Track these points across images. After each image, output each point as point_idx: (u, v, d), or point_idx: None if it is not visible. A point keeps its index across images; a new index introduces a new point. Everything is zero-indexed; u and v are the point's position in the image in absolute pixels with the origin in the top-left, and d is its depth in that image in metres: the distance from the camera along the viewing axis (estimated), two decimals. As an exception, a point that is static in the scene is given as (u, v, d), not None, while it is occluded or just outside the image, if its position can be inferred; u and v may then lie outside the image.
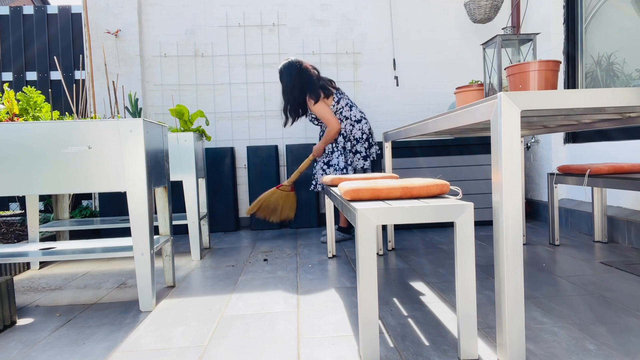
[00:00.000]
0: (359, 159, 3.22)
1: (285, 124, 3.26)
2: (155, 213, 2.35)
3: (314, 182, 3.27)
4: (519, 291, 1.25)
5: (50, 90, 2.45)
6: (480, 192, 3.62)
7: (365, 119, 3.24)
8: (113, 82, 2.63)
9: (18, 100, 2.79)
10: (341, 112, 3.18)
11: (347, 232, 3.26)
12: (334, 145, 3.20)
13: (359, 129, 3.21)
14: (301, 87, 3.13)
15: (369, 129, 3.24)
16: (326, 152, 3.22)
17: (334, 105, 3.16)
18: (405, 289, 2.09)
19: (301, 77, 3.13)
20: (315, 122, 3.27)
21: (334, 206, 3.13)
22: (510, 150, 1.23)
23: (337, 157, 3.17)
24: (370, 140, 3.25)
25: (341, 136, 3.20)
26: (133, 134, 1.89)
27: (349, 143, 3.21)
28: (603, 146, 3.10)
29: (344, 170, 3.16)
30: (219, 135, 4.08)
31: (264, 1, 4.06)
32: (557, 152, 3.60)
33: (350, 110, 3.21)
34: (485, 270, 2.34)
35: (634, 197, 2.82)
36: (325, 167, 3.21)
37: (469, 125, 1.67)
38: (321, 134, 3.34)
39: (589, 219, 3.12)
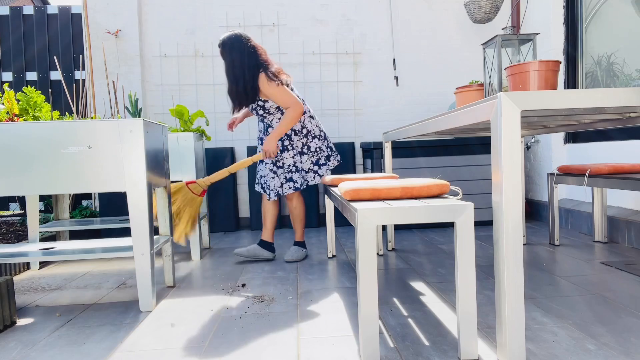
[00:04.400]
0: (324, 157, 2.74)
1: (233, 111, 2.67)
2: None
3: (262, 188, 2.76)
4: (519, 291, 1.25)
5: (50, 90, 2.46)
6: (480, 192, 3.62)
7: (317, 117, 2.73)
8: (113, 82, 2.63)
9: (18, 100, 2.79)
10: None
11: (269, 247, 2.78)
12: (287, 143, 2.66)
13: (317, 125, 2.73)
14: (252, 67, 2.55)
15: (324, 129, 2.69)
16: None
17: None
18: (405, 289, 2.09)
19: (252, 55, 2.56)
20: (261, 112, 2.65)
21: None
22: (510, 150, 1.23)
23: (292, 158, 2.67)
24: (328, 139, 2.78)
25: (293, 132, 2.66)
26: (133, 134, 1.89)
27: (309, 139, 2.69)
28: (603, 146, 3.10)
29: (302, 172, 2.70)
30: (219, 135, 4.08)
31: (264, 1, 4.06)
32: (557, 152, 3.60)
33: (305, 104, 2.70)
34: (485, 270, 2.34)
35: (634, 197, 2.82)
36: (275, 168, 2.68)
37: (469, 125, 1.67)
38: (264, 131, 2.75)
39: (589, 219, 3.12)
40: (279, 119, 2.65)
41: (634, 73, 2.93)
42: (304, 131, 2.68)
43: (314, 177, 2.73)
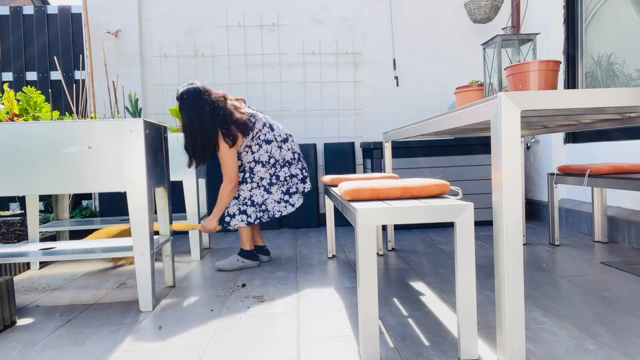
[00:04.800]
0: (296, 183, 2.64)
1: (190, 165, 2.54)
2: (155, 213, 2.35)
3: (227, 219, 2.58)
4: (519, 291, 1.25)
5: (50, 90, 2.46)
6: (480, 192, 3.62)
7: (291, 136, 2.68)
8: (113, 82, 2.63)
9: (18, 100, 2.79)
10: (259, 137, 2.54)
11: (251, 257, 2.63)
12: (247, 176, 2.58)
13: (289, 149, 2.62)
14: (212, 125, 2.44)
15: (298, 149, 2.71)
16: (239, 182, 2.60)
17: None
18: (405, 289, 2.09)
19: (212, 112, 2.44)
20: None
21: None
22: (510, 150, 1.23)
23: (250, 190, 2.56)
24: (302, 161, 2.70)
25: (259, 164, 2.55)
26: (133, 134, 1.89)
27: (277, 168, 2.59)
28: (603, 146, 3.10)
29: (262, 206, 2.57)
30: (219, 135, 4.08)
31: (264, 1, 4.06)
32: (557, 152, 3.60)
33: (272, 130, 2.59)
34: (485, 270, 2.34)
35: (634, 197, 2.82)
36: (238, 203, 2.58)
37: (469, 125, 1.67)
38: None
39: (589, 219, 3.12)
40: (248, 152, 2.57)
41: (634, 73, 2.93)
42: (272, 161, 2.57)
43: (285, 207, 2.61)
